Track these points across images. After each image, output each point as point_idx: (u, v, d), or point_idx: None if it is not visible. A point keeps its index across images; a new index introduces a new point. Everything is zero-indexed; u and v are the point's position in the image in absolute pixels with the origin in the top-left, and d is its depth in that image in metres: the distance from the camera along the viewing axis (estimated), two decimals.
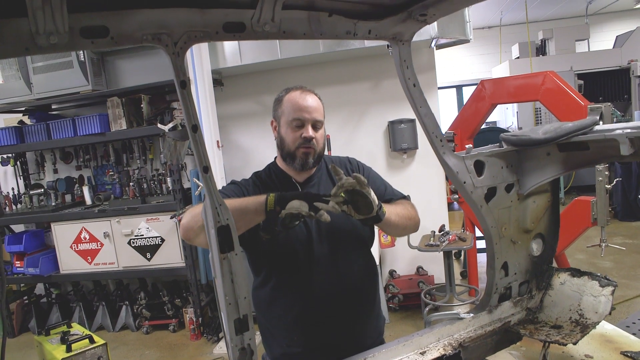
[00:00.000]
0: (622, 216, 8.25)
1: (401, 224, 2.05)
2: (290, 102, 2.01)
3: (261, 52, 5.11)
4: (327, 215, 1.65)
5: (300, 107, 1.99)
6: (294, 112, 1.99)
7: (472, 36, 5.21)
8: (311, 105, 2.00)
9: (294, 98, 2.02)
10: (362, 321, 2.12)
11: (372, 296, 2.20)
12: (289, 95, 2.04)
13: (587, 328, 2.14)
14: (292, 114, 1.99)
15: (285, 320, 2.06)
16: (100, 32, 1.30)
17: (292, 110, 1.99)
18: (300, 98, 2.01)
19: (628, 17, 12.86)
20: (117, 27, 1.32)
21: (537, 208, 2.32)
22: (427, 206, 5.49)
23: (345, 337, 2.05)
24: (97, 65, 5.68)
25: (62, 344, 3.97)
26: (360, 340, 2.06)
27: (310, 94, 2.04)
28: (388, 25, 1.74)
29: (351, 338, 2.06)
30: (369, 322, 2.16)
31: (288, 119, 2.00)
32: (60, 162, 6.28)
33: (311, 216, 1.63)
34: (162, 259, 5.49)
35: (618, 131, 1.87)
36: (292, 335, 2.05)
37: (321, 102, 2.07)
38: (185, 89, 1.43)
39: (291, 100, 2.02)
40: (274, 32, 1.55)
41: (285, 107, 2.02)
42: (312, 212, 1.63)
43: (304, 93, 2.03)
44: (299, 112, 1.98)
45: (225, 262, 1.56)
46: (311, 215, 1.63)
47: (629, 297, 5.06)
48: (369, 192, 1.72)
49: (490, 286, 2.24)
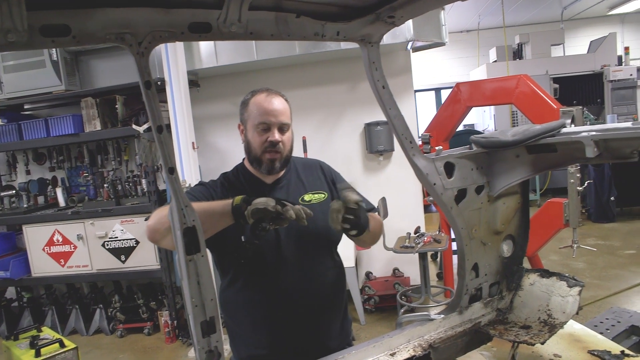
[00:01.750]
0: (595, 218, 8.40)
1: (369, 242, 2.11)
2: (256, 105, 1.99)
3: (237, 53, 5.09)
4: (292, 212, 1.64)
5: (266, 111, 1.96)
6: (260, 115, 1.96)
7: (447, 39, 5.26)
8: (277, 108, 1.98)
9: (259, 101, 1.99)
10: (329, 323, 2.11)
11: (339, 298, 2.19)
12: (255, 98, 2.01)
13: (555, 328, 2.17)
14: (258, 118, 1.96)
15: (251, 322, 2.04)
16: (62, 31, 1.28)
17: (258, 114, 1.97)
18: (266, 101, 1.98)
19: (601, 23, 13.12)
20: (79, 26, 1.30)
21: (507, 209, 2.34)
22: (403, 208, 5.53)
23: (312, 339, 2.04)
24: (71, 64, 5.60)
25: (31, 349, 3.89)
26: (327, 343, 2.06)
27: (276, 96, 2.02)
28: (356, 27, 1.74)
29: (318, 340, 2.06)
30: (336, 325, 2.15)
31: (254, 123, 1.98)
32: (32, 163, 6.17)
33: (277, 210, 1.62)
34: (137, 262, 5.43)
35: (584, 134, 1.90)
36: (258, 337, 2.04)
37: (288, 104, 2.05)
38: (150, 90, 1.41)
39: (257, 103, 1.99)
40: (241, 33, 1.54)
41: (251, 111, 1.99)
42: (278, 206, 1.63)
43: (269, 96, 2.00)
44: (265, 116, 1.96)
45: (191, 264, 1.54)
46: (277, 209, 1.62)
47: (600, 297, 5.14)
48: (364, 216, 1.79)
49: (461, 287, 2.26)
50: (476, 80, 6.13)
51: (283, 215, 1.64)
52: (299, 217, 1.66)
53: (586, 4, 11.43)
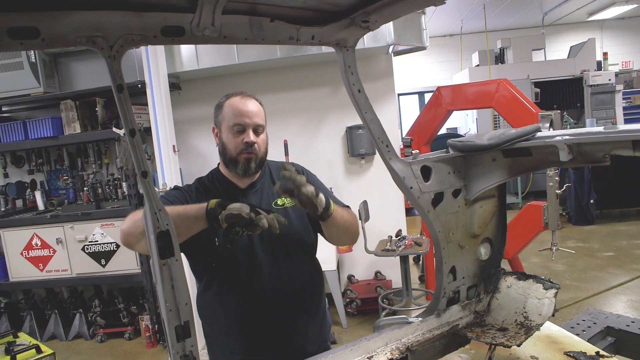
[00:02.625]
0: (575, 220, 8.51)
1: (342, 227, 2.01)
2: (231, 107, 2.01)
3: (218, 57, 5.08)
4: (267, 220, 1.65)
5: (240, 112, 1.98)
6: (235, 117, 1.98)
7: (428, 43, 5.30)
8: (252, 110, 2.00)
9: (234, 103, 2.01)
10: (305, 327, 2.11)
11: (315, 302, 2.18)
12: (230, 100, 2.03)
13: (531, 330, 2.19)
14: (233, 119, 1.98)
15: (226, 327, 2.04)
16: (30, 33, 1.26)
17: (232, 116, 1.98)
18: (240, 103, 2.00)
19: (581, 29, 13.31)
20: (49, 29, 1.28)
21: (484, 213, 2.36)
22: (384, 211, 5.55)
23: (288, 344, 2.04)
24: (50, 66, 5.54)
25: (7, 355, 3.83)
26: (304, 347, 2.06)
27: (250, 99, 2.04)
28: (331, 31, 1.74)
29: (294, 344, 2.05)
30: (313, 328, 2.15)
31: (229, 124, 1.99)
32: (11, 166, 6.09)
33: (251, 217, 1.62)
34: (118, 265, 5.38)
35: (557, 138, 1.93)
36: (233, 342, 2.03)
37: (262, 107, 2.07)
38: (122, 93, 1.41)
39: (231, 105, 2.01)
40: (214, 36, 1.53)
41: (226, 113, 2.01)
42: (252, 213, 1.63)
43: (244, 98, 2.03)
44: (239, 117, 1.97)
45: (165, 268, 1.53)
46: (251, 217, 1.62)
47: (579, 298, 5.20)
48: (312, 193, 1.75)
49: (439, 290, 2.26)
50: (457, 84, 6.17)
51: (256, 222, 1.64)
52: (272, 225, 1.67)
53: (566, 10, 11.59)
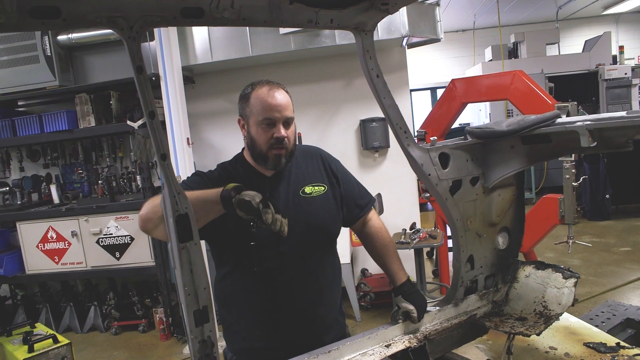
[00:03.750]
0: (590, 216, 8.41)
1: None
2: (259, 100, 1.91)
3: (232, 49, 5.07)
4: (270, 217, 1.59)
5: (270, 106, 1.89)
6: (264, 111, 1.89)
7: (442, 35, 5.25)
8: (281, 102, 1.91)
9: (262, 96, 1.91)
10: (325, 317, 2.10)
11: (336, 293, 2.17)
12: (257, 92, 1.93)
13: (551, 319, 2.17)
14: (262, 114, 1.89)
15: (247, 314, 2.03)
16: (52, 13, 1.26)
17: (261, 110, 1.89)
18: (269, 96, 1.90)
19: (596, 23, 13.17)
20: (70, 9, 1.28)
21: (502, 201, 2.34)
22: (398, 204, 5.53)
23: (308, 333, 2.03)
24: (65, 60, 5.57)
25: (25, 345, 3.87)
26: (323, 336, 2.04)
27: (278, 89, 1.94)
28: (350, 15, 1.73)
29: (313, 333, 2.04)
30: (331, 318, 2.14)
31: (258, 119, 1.90)
32: (26, 160, 6.13)
33: (259, 208, 1.58)
34: (132, 258, 5.40)
35: (578, 123, 1.90)
36: (254, 330, 2.02)
37: (289, 96, 1.98)
38: (142, 74, 1.40)
39: (259, 98, 1.91)
40: (234, 18, 1.52)
41: (254, 106, 1.91)
42: (261, 204, 1.58)
43: (272, 90, 1.93)
44: (269, 112, 1.89)
45: (184, 252, 1.53)
46: (259, 207, 1.58)
47: (595, 293, 5.15)
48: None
49: (456, 279, 2.25)
50: (471, 76, 6.12)
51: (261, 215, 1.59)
52: (275, 227, 1.62)
53: (581, 4, 11.47)
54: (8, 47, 5.35)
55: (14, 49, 5.33)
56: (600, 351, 2.25)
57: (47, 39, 5.30)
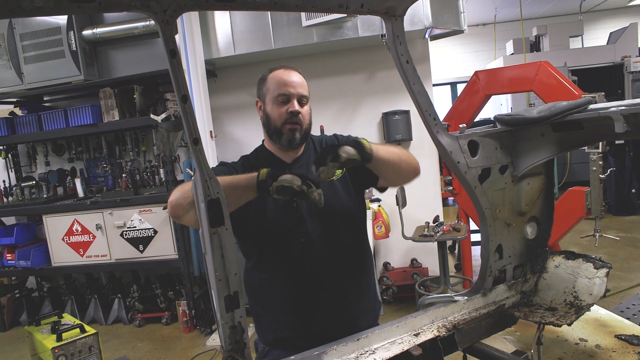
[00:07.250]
0: (616, 211, 8.27)
1: (393, 160, 1.91)
2: (275, 79, 2.02)
3: (255, 42, 5.07)
4: (317, 194, 1.63)
5: (285, 83, 1.99)
6: (279, 87, 1.99)
7: (466, 27, 5.19)
8: (296, 80, 2.01)
9: (278, 75, 2.02)
10: (355, 304, 2.09)
11: (366, 279, 2.16)
12: (273, 73, 2.04)
13: (582, 309, 2.13)
14: (277, 90, 1.99)
15: (277, 303, 2.03)
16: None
17: (277, 86, 1.99)
18: (284, 74, 2.01)
19: (621, 14, 12.91)
20: None
21: (532, 190, 2.31)
22: (421, 198, 5.49)
23: (339, 319, 2.02)
24: (90, 55, 5.63)
25: (53, 334, 3.93)
26: (354, 324, 2.02)
27: (293, 70, 2.05)
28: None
29: (344, 320, 2.03)
30: (362, 306, 2.13)
31: (273, 95, 2.00)
32: (52, 154, 6.23)
33: (303, 190, 1.61)
34: (155, 251, 5.45)
35: (612, 109, 1.86)
36: (284, 319, 2.03)
37: (304, 79, 2.07)
38: (175, 58, 1.41)
39: (275, 77, 2.02)
40: (265, 2, 1.52)
41: (270, 84, 2.02)
42: (304, 186, 1.61)
43: (287, 70, 2.04)
44: (284, 87, 1.98)
45: (215, 237, 1.53)
46: (303, 189, 1.61)
47: (622, 288, 5.06)
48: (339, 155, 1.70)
49: (485, 269, 2.22)
50: (495, 68, 6.04)
51: (307, 194, 1.63)
52: (320, 202, 1.66)
53: None
54: (35, 43, 5.42)
55: (41, 44, 5.40)
56: (633, 343, 2.22)
57: (72, 34, 5.36)
